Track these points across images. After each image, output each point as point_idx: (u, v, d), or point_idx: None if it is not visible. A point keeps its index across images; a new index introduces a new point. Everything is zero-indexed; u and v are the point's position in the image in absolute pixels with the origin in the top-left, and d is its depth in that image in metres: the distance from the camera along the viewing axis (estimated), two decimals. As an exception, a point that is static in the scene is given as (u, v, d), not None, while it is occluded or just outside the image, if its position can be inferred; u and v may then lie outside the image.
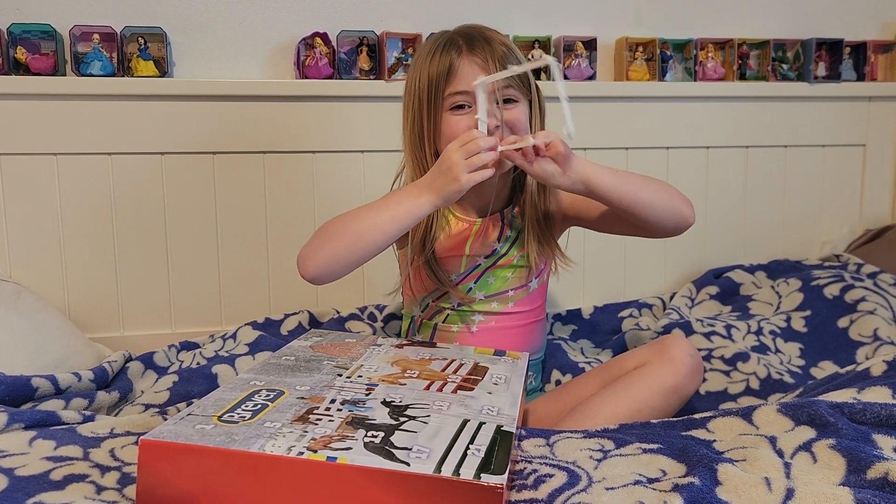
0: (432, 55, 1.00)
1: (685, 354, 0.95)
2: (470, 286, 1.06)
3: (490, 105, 0.96)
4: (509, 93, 0.99)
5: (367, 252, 0.92)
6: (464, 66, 0.98)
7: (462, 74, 0.98)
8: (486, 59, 0.98)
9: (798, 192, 1.67)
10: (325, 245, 0.93)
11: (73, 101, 1.31)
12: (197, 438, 0.62)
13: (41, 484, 0.69)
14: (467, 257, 1.05)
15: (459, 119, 0.98)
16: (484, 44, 0.99)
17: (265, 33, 1.42)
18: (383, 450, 0.62)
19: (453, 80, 0.98)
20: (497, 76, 0.92)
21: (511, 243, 1.06)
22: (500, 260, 1.06)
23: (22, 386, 0.98)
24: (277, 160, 1.41)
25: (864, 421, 0.73)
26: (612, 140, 1.55)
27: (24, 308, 1.19)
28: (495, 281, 1.06)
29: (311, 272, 0.93)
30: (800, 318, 1.33)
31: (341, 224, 0.94)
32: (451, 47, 0.99)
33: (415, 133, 1.02)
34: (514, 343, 1.07)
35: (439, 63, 0.99)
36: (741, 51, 1.60)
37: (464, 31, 1.02)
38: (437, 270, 1.04)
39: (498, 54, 0.98)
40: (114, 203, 1.36)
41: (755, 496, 0.62)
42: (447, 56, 0.99)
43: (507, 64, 0.97)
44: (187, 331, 1.39)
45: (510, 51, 1.00)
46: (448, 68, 0.98)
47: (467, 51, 0.99)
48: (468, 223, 1.06)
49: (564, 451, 0.74)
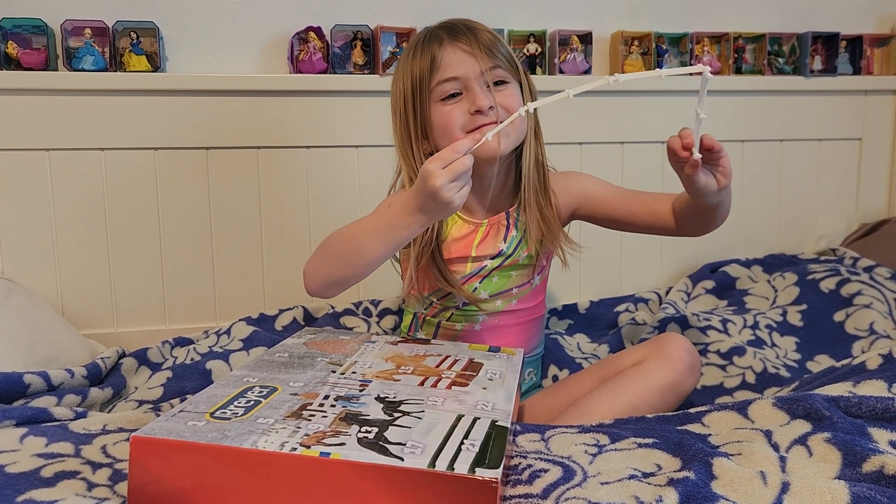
0: (413, 53, 0.99)
1: (683, 352, 0.94)
2: (475, 286, 1.05)
3: (480, 86, 0.95)
4: (499, 73, 0.97)
5: (364, 272, 0.92)
6: (447, 54, 0.97)
7: (447, 62, 0.96)
8: (469, 43, 0.96)
9: (794, 187, 1.67)
10: (323, 266, 0.94)
11: (64, 96, 1.30)
12: (189, 435, 0.61)
13: (32, 481, 0.69)
14: (473, 259, 1.05)
15: (451, 109, 0.96)
16: (466, 31, 0.98)
17: (258, 28, 1.41)
18: (377, 445, 0.61)
19: (438, 71, 0.96)
20: (552, 99, 0.83)
21: (517, 244, 1.05)
22: (506, 261, 1.05)
23: (14, 383, 0.97)
24: (271, 155, 1.40)
25: (859, 414, 0.73)
26: (607, 135, 1.54)
27: (16, 305, 1.18)
28: (500, 280, 1.06)
29: (314, 291, 0.96)
30: (796, 312, 1.33)
31: (338, 244, 0.94)
32: (431, 40, 0.98)
33: (406, 134, 1.01)
34: (518, 340, 1.06)
35: (421, 59, 0.98)
36: (737, 45, 1.59)
37: (445, 23, 1.01)
38: (445, 271, 1.03)
39: (483, 41, 0.96)
40: (106, 198, 1.35)
41: (751, 490, 0.62)
42: (428, 50, 0.97)
43: (492, 48, 0.96)
44: (181, 327, 1.38)
45: (497, 39, 0.98)
46: (431, 61, 0.97)
47: (449, 39, 0.97)
48: (474, 225, 1.05)
49: (559, 446, 0.74)
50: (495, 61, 0.96)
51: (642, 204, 1.05)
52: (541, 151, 1.05)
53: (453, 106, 0.96)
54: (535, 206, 1.03)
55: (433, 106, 0.98)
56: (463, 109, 0.95)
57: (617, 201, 1.07)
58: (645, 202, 1.05)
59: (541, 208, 1.04)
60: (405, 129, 1.01)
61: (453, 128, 0.96)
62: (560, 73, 1.49)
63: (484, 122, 0.94)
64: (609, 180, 1.53)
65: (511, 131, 0.97)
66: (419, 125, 0.99)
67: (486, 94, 0.95)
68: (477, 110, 0.94)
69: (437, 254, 1.02)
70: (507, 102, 0.96)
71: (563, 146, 1.48)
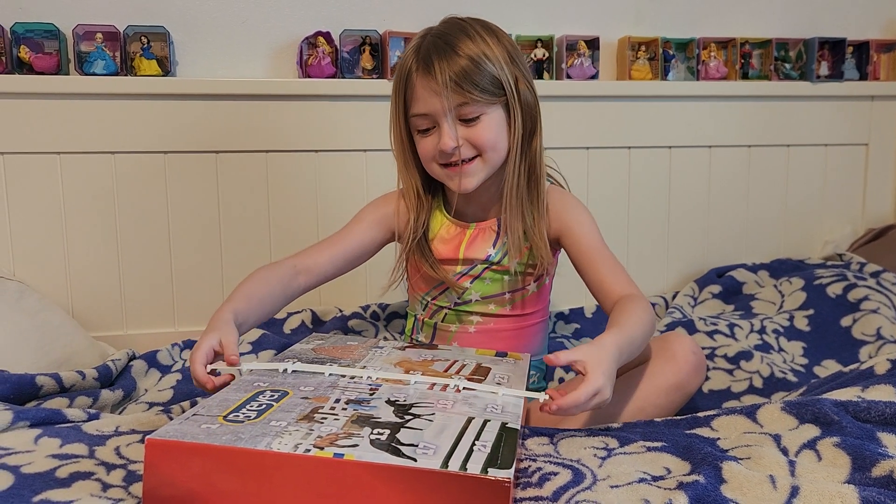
0: (406, 56, 1.00)
1: (688, 352, 0.94)
2: (466, 285, 1.06)
3: (447, 125, 0.95)
4: (467, 111, 0.95)
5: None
6: (418, 88, 0.97)
7: (417, 96, 0.97)
8: (437, 79, 0.93)
9: (800, 192, 1.67)
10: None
11: (76, 100, 1.32)
12: (203, 437, 0.62)
13: (47, 481, 0.70)
14: (462, 261, 1.06)
15: (426, 141, 0.99)
16: (438, 60, 0.93)
17: (268, 32, 1.42)
18: (390, 446, 0.62)
19: (412, 100, 0.98)
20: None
21: (505, 251, 1.04)
22: (495, 265, 1.05)
23: (26, 384, 0.98)
24: (280, 159, 1.41)
25: (868, 419, 0.73)
26: (614, 139, 1.55)
27: (27, 307, 1.19)
28: (492, 283, 1.06)
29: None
30: (803, 317, 1.33)
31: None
32: (415, 54, 0.98)
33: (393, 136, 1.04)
34: (513, 345, 1.06)
35: (405, 68, 0.98)
36: (744, 50, 1.60)
37: (432, 38, 0.97)
38: (432, 261, 1.04)
39: (455, 71, 0.92)
40: (117, 202, 1.36)
41: (760, 494, 0.62)
42: (408, 63, 0.98)
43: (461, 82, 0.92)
44: (190, 329, 1.39)
45: (475, 66, 0.93)
46: (406, 80, 0.98)
47: (423, 69, 0.95)
48: (461, 228, 1.06)
49: (568, 450, 0.74)
50: (463, 97, 0.93)
51: (596, 280, 1.00)
52: (534, 164, 1.01)
53: (427, 139, 0.99)
54: (518, 217, 1.01)
55: (414, 133, 1.01)
56: (434, 144, 0.98)
57: (581, 259, 1.02)
58: (597, 282, 1.00)
59: (524, 221, 1.02)
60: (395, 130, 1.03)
61: (428, 159, 1.00)
62: (567, 78, 1.49)
63: (451, 160, 0.97)
64: (616, 185, 1.56)
65: (478, 171, 0.98)
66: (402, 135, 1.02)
67: (451, 133, 0.95)
68: (441, 152, 0.97)
69: (423, 243, 1.05)
70: (476, 138, 0.96)
71: (570, 151, 1.49)
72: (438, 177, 1.02)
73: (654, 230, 1.60)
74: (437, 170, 1.00)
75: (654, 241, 1.60)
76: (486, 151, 0.97)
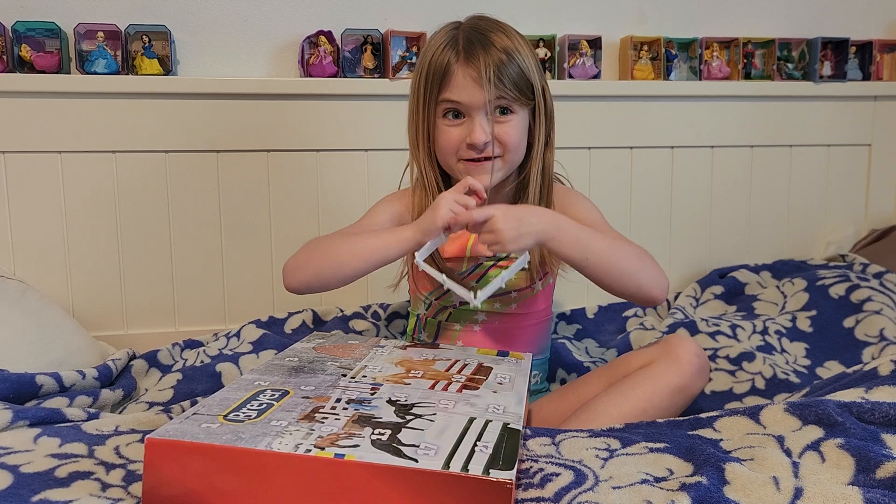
0: (436, 49, 0.99)
1: (691, 354, 0.94)
2: (472, 284, 1.05)
3: (481, 118, 0.95)
4: (502, 103, 0.97)
5: (348, 276, 0.95)
6: (458, 75, 0.97)
7: (455, 84, 0.97)
8: (479, 68, 0.94)
9: (803, 192, 1.67)
10: (310, 263, 0.96)
11: (77, 98, 1.31)
12: (203, 437, 0.61)
13: (46, 481, 0.69)
14: (468, 259, 1.05)
15: (451, 130, 0.98)
16: (481, 50, 0.95)
17: (270, 31, 1.42)
18: (391, 447, 0.61)
19: (447, 86, 0.97)
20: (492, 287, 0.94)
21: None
22: (500, 261, 1.05)
23: (26, 383, 0.98)
24: (282, 158, 1.41)
25: (872, 420, 0.73)
26: (616, 139, 1.54)
27: (28, 306, 1.19)
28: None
29: (294, 286, 0.97)
30: (805, 317, 1.32)
31: (328, 245, 0.96)
32: (452, 46, 0.98)
33: (414, 127, 1.03)
34: (518, 344, 1.06)
35: (439, 60, 0.98)
36: (746, 50, 1.59)
37: (468, 31, 0.99)
38: (438, 259, 1.04)
39: (494, 62, 0.95)
40: (118, 201, 1.36)
41: (763, 496, 0.62)
42: (446, 55, 0.97)
43: (502, 76, 0.94)
44: (191, 329, 1.39)
45: (510, 57, 0.96)
46: (444, 70, 0.97)
47: (464, 59, 0.96)
48: None
49: (570, 451, 0.74)
50: (501, 90, 0.95)
51: None
52: (549, 161, 1.04)
53: (454, 128, 0.98)
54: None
55: (438, 118, 0.99)
56: (462, 136, 0.97)
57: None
58: None
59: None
60: (416, 126, 1.02)
61: (450, 151, 0.99)
62: (569, 78, 1.49)
63: (476, 156, 0.97)
64: (618, 185, 1.56)
65: (497, 170, 0.99)
66: (427, 128, 1.01)
67: (484, 128, 0.96)
68: (471, 144, 0.96)
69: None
70: (504, 136, 0.97)
71: (572, 151, 1.49)
72: (455, 171, 1.01)
73: (657, 230, 1.60)
74: (456, 164, 1.00)
75: (656, 241, 1.59)
76: (510, 151, 0.99)
